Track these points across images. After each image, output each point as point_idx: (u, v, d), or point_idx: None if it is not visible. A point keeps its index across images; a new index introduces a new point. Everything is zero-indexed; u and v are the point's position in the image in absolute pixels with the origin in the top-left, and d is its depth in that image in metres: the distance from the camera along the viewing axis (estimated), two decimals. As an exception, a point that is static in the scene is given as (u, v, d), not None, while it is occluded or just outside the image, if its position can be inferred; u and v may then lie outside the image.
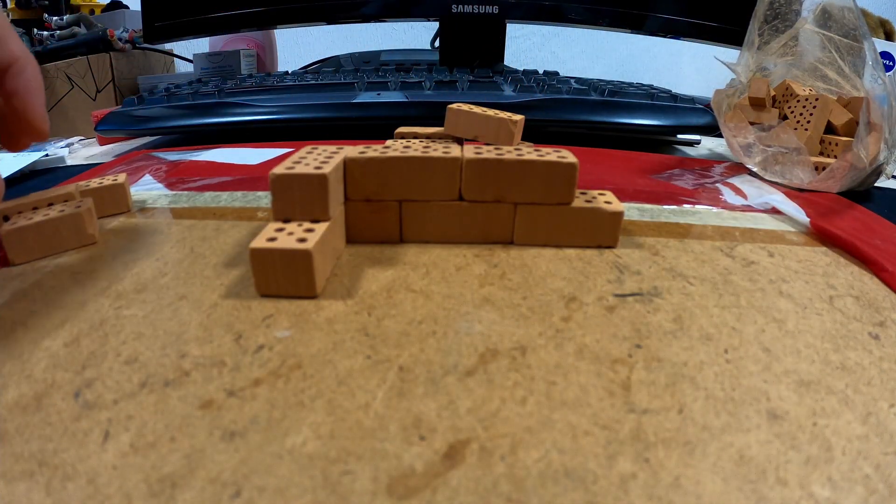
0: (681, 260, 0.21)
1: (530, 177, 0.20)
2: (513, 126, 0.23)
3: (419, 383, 0.14)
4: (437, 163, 0.20)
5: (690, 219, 0.26)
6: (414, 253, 0.21)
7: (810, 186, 0.31)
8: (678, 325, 0.17)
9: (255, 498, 0.10)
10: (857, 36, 0.32)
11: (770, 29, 0.36)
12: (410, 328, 0.16)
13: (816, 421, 0.13)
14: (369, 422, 0.12)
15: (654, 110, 0.42)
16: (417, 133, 0.27)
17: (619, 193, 0.28)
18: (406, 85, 0.44)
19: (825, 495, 0.11)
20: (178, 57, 0.78)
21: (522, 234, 0.21)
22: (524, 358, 0.15)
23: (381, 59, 0.73)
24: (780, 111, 0.35)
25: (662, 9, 0.54)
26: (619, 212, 0.21)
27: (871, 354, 0.16)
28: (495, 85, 0.44)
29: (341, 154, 0.20)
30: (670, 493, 0.11)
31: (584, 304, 0.17)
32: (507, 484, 0.11)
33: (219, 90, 0.44)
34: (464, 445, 0.12)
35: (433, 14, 0.56)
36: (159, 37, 0.56)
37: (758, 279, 0.20)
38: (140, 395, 0.13)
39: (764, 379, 0.14)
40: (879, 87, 0.30)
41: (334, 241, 0.19)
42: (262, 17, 0.55)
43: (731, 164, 0.38)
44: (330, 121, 0.41)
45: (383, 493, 0.10)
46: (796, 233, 0.25)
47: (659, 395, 0.13)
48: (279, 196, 0.18)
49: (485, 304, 0.17)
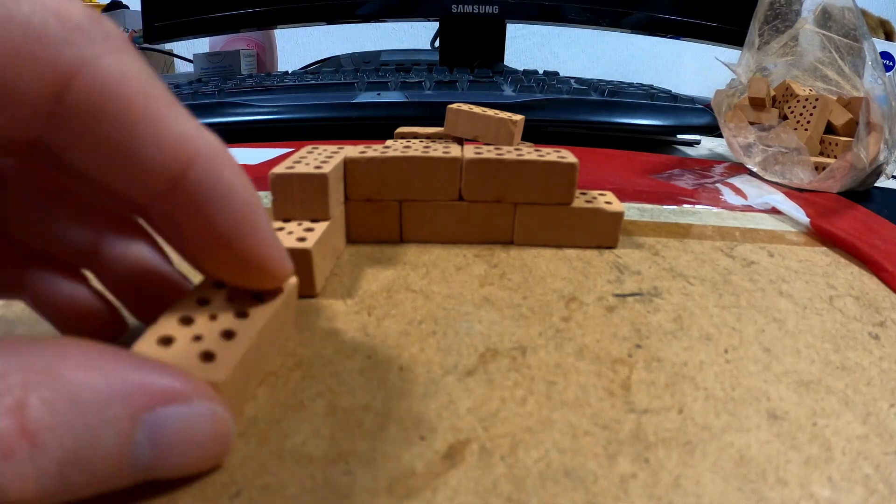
0: (681, 260, 0.21)
1: (530, 177, 0.20)
2: (513, 126, 0.23)
3: (419, 383, 0.14)
4: (437, 163, 0.20)
5: (690, 219, 0.26)
6: (414, 253, 0.21)
7: (810, 186, 0.31)
8: (678, 325, 0.17)
9: (255, 498, 0.10)
10: (857, 36, 0.32)
11: (770, 29, 0.36)
12: (410, 328, 0.16)
13: (816, 421, 0.13)
14: (369, 422, 0.12)
15: (654, 110, 0.42)
16: (417, 133, 0.27)
17: (619, 193, 0.28)
18: (406, 85, 0.44)
19: (825, 495, 0.11)
20: (178, 57, 0.78)
21: (522, 235, 0.21)
22: (524, 358, 0.15)
23: (381, 59, 0.73)
24: (780, 111, 0.35)
25: (662, 9, 0.54)
26: (619, 212, 0.21)
27: (871, 354, 0.16)
28: (495, 85, 0.44)
29: (341, 154, 0.20)
30: (670, 493, 0.11)
31: (584, 304, 0.17)
32: (507, 484, 0.11)
33: (219, 90, 0.44)
34: (464, 445, 0.12)
35: (433, 14, 0.56)
36: (159, 37, 0.56)
37: (758, 279, 0.20)
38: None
39: (764, 379, 0.14)
40: (879, 87, 0.30)
41: (334, 240, 0.19)
42: (262, 17, 0.55)
43: (731, 164, 0.38)
44: (330, 121, 0.41)
45: (383, 493, 0.10)
46: (796, 233, 0.25)
47: (659, 395, 0.13)
48: (279, 196, 0.18)
49: (485, 304, 0.17)
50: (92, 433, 0.08)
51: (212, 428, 0.10)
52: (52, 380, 0.08)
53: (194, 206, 0.10)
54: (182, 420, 0.09)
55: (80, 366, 0.08)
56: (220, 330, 0.12)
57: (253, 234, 0.11)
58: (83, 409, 0.08)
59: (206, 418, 0.10)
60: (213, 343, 0.11)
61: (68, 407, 0.08)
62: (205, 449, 0.10)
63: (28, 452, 0.07)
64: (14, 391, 0.08)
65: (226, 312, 0.12)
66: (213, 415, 0.10)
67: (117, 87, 0.09)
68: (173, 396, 0.09)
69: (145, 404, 0.09)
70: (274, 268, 0.12)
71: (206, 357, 0.11)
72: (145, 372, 0.09)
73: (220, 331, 0.11)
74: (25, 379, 0.08)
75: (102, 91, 0.09)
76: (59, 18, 0.08)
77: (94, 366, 0.09)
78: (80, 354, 0.09)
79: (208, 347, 0.11)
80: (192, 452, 0.10)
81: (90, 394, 0.08)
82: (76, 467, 0.08)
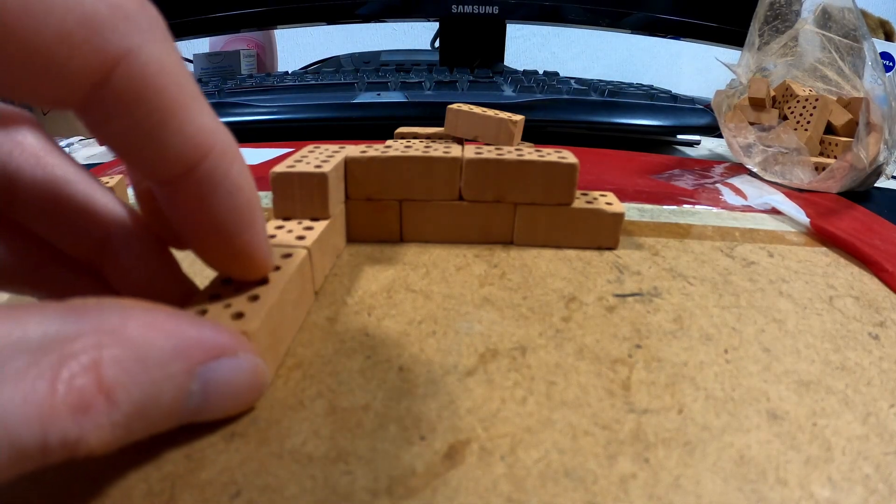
0: (681, 260, 0.21)
1: (530, 177, 0.20)
2: (513, 126, 0.23)
3: (419, 383, 0.13)
4: (437, 163, 0.20)
5: (690, 219, 0.26)
6: (414, 253, 0.21)
7: (810, 187, 0.31)
8: (678, 325, 0.16)
9: (255, 498, 0.10)
10: (857, 36, 0.32)
11: (770, 29, 0.36)
12: (410, 328, 0.16)
13: (816, 421, 0.13)
14: (369, 422, 0.12)
15: (653, 110, 0.42)
16: (417, 133, 0.27)
17: (619, 193, 0.28)
18: (406, 85, 0.44)
19: (825, 495, 0.11)
20: (178, 57, 0.78)
21: (522, 235, 0.21)
22: (524, 358, 0.15)
23: (381, 60, 0.73)
24: (780, 111, 0.35)
25: (662, 9, 0.54)
26: (619, 213, 0.21)
27: (871, 354, 0.16)
28: (495, 85, 0.44)
29: (342, 153, 0.20)
30: (670, 493, 0.11)
31: (584, 304, 0.17)
32: (507, 484, 0.11)
33: (219, 90, 0.44)
34: (464, 445, 0.12)
35: (433, 14, 0.56)
36: (159, 37, 0.56)
37: (758, 279, 0.20)
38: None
39: (764, 379, 0.14)
40: (879, 88, 0.30)
41: (334, 239, 0.19)
42: (262, 17, 0.55)
43: (731, 165, 0.38)
44: (330, 121, 0.41)
45: (383, 493, 0.10)
46: (796, 233, 0.25)
47: (659, 395, 0.13)
48: (279, 194, 0.18)
49: (485, 304, 0.17)
50: (156, 387, 0.09)
51: (252, 378, 0.11)
52: (121, 340, 0.09)
53: (202, 195, 0.11)
54: (230, 371, 0.11)
55: (144, 325, 0.09)
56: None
57: (249, 230, 0.12)
58: (149, 366, 0.09)
59: (249, 370, 0.11)
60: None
61: (136, 365, 0.09)
62: (245, 396, 0.12)
63: (104, 406, 0.08)
64: (90, 351, 0.08)
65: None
66: (255, 366, 0.11)
67: (155, 76, 0.09)
68: (223, 350, 0.10)
69: (200, 359, 0.10)
70: (260, 262, 0.13)
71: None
72: (199, 329, 0.10)
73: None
74: (99, 340, 0.08)
75: (142, 79, 0.09)
76: (109, 5, 0.09)
77: (155, 325, 0.09)
78: (142, 314, 0.09)
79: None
80: (234, 399, 0.11)
81: (154, 352, 0.09)
82: (141, 418, 0.09)
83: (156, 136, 0.10)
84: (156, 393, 0.09)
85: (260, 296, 0.13)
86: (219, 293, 0.13)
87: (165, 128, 0.10)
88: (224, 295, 0.13)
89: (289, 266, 0.15)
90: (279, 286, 0.14)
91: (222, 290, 0.13)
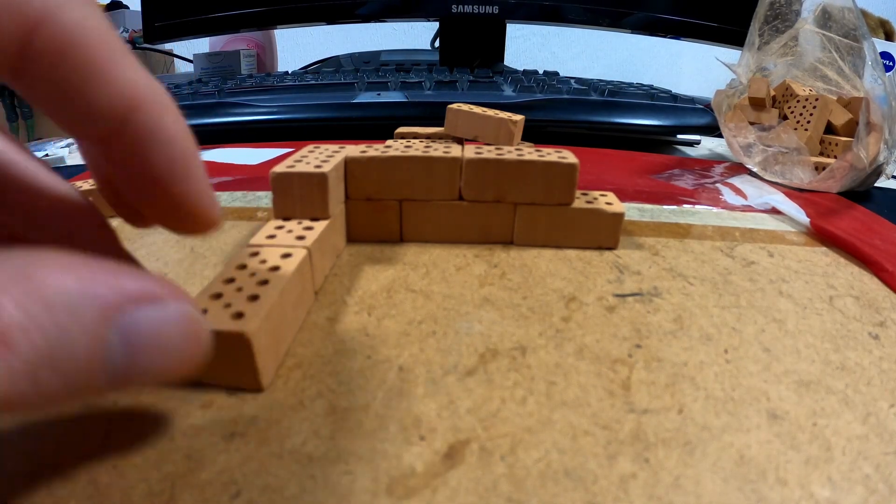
0: (681, 260, 0.21)
1: (530, 177, 0.20)
2: (513, 126, 0.23)
3: (419, 383, 0.13)
4: (437, 162, 0.20)
5: (690, 219, 0.26)
6: (414, 253, 0.21)
7: (810, 186, 0.31)
8: (678, 325, 0.16)
9: (255, 498, 0.10)
10: (857, 36, 0.32)
11: (770, 29, 0.36)
12: (410, 328, 0.16)
13: (816, 421, 0.13)
14: (369, 422, 0.12)
15: (654, 110, 0.42)
16: (417, 133, 0.27)
17: (619, 193, 0.28)
18: (406, 85, 0.44)
19: (825, 495, 0.11)
20: (178, 57, 0.78)
21: (522, 235, 0.21)
22: (524, 358, 0.15)
23: (381, 60, 0.73)
24: (780, 111, 0.35)
25: (662, 9, 0.54)
26: (619, 213, 0.21)
27: (871, 354, 0.16)
28: (495, 85, 0.44)
29: (342, 153, 0.20)
30: (670, 493, 0.11)
31: (584, 304, 0.17)
32: (507, 484, 0.11)
33: (219, 90, 0.44)
34: (464, 445, 0.12)
35: (433, 14, 0.56)
36: (159, 37, 0.56)
37: (758, 279, 0.20)
38: (140, 395, 0.13)
39: (764, 379, 0.14)
40: (879, 88, 0.30)
41: (334, 239, 0.19)
42: (262, 17, 0.55)
43: (731, 164, 0.38)
44: (330, 121, 0.41)
45: (383, 493, 0.10)
46: (796, 233, 0.25)
47: (659, 395, 0.13)
48: (279, 194, 0.18)
49: (485, 304, 0.17)
50: (64, 334, 0.08)
51: (185, 328, 0.10)
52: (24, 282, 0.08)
53: (137, 147, 0.11)
54: (155, 321, 0.09)
55: (54, 269, 0.08)
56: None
57: (186, 180, 0.12)
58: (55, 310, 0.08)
59: (179, 320, 0.10)
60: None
61: (40, 308, 0.08)
62: (180, 352, 0.10)
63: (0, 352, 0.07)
64: None
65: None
66: (186, 315, 0.10)
67: (76, 34, 0.10)
68: (145, 297, 0.09)
69: (117, 305, 0.09)
70: (203, 213, 0.12)
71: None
72: (118, 275, 0.09)
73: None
74: None
75: (64, 38, 0.10)
76: None
77: (67, 269, 0.09)
78: (53, 260, 0.09)
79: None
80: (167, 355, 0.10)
81: (62, 295, 0.08)
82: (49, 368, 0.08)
83: (84, 92, 0.10)
84: (65, 340, 0.08)
85: (260, 296, 0.13)
86: (219, 293, 0.13)
87: (91, 83, 0.10)
88: (224, 295, 0.13)
89: (289, 266, 0.15)
90: (279, 286, 0.14)
91: (223, 290, 0.14)
